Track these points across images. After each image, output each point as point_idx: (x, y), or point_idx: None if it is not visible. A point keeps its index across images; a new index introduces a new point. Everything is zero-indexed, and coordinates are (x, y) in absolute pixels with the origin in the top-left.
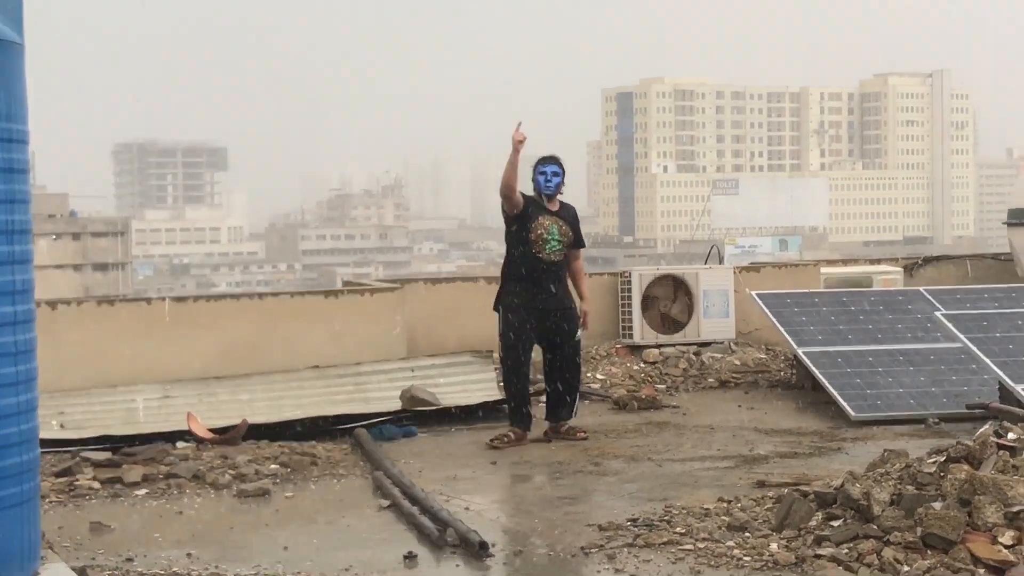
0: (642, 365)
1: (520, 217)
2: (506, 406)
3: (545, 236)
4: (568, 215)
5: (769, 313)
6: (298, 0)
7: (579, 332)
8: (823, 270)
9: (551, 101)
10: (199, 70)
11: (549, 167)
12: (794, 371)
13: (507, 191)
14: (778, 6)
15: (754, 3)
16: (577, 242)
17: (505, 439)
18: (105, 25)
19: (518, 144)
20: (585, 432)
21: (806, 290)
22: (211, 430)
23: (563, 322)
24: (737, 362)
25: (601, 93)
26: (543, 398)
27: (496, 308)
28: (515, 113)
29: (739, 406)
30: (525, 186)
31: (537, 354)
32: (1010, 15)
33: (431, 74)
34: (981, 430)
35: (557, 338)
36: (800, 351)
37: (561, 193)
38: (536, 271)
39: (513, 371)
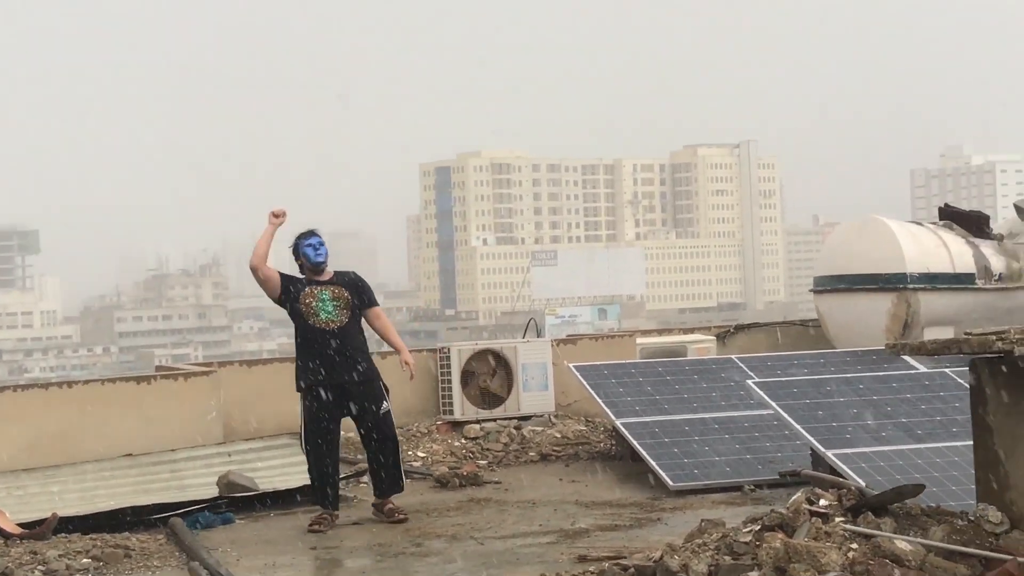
0: (463, 441)
1: (286, 295)
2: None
3: (315, 304)
4: (345, 280)
5: (587, 385)
6: (97, 77)
7: (385, 403)
8: (639, 340)
9: (368, 175)
10: (6, 150)
11: (314, 238)
12: (614, 442)
13: (256, 260)
14: (589, 80)
15: (566, 77)
16: (366, 302)
17: (324, 522)
18: None
19: (275, 219)
20: (405, 514)
21: (623, 361)
22: (19, 525)
23: (362, 395)
24: (558, 435)
25: (419, 167)
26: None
27: (297, 388)
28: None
29: (560, 479)
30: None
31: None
32: (807, 89)
33: (241, 148)
34: (794, 497)
35: (360, 412)
36: (619, 422)
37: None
38: (319, 343)
39: (312, 452)
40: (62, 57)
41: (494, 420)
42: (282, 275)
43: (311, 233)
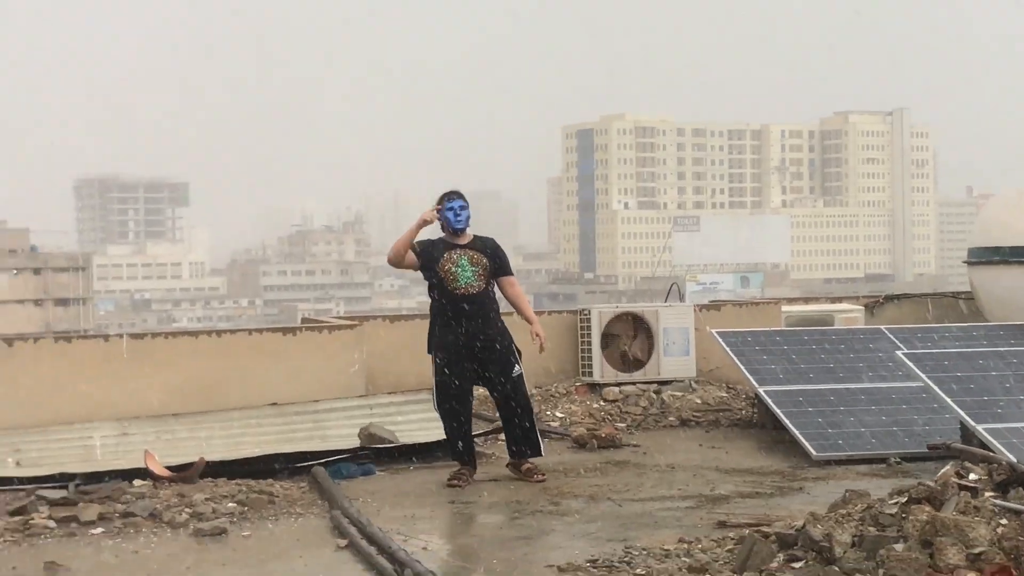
0: (602, 403)
1: (426, 264)
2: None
3: (454, 270)
4: (483, 245)
5: (730, 352)
6: (259, 37)
7: (517, 367)
8: (784, 308)
9: (512, 137)
10: (161, 105)
11: (456, 202)
12: (755, 410)
13: (394, 258)
14: (739, 44)
15: (715, 40)
16: (501, 270)
17: (462, 477)
18: (66, 60)
19: (424, 222)
20: (544, 475)
21: (767, 328)
22: (168, 468)
23: (494, 359)
24: (698, 401)
25: (562, 130)
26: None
27: (429, 351)
28: (477, 147)
29: (700, 445)
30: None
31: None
32: (968, 55)
33: (392, 109)
34: (943, 471)
35: (492, 376)
36: (761, 390)
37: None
38: (455, 308)
39: (448, 414)
40: (211, 15)
41: (633, 384)
42: (416, 249)
43: (453, 195)
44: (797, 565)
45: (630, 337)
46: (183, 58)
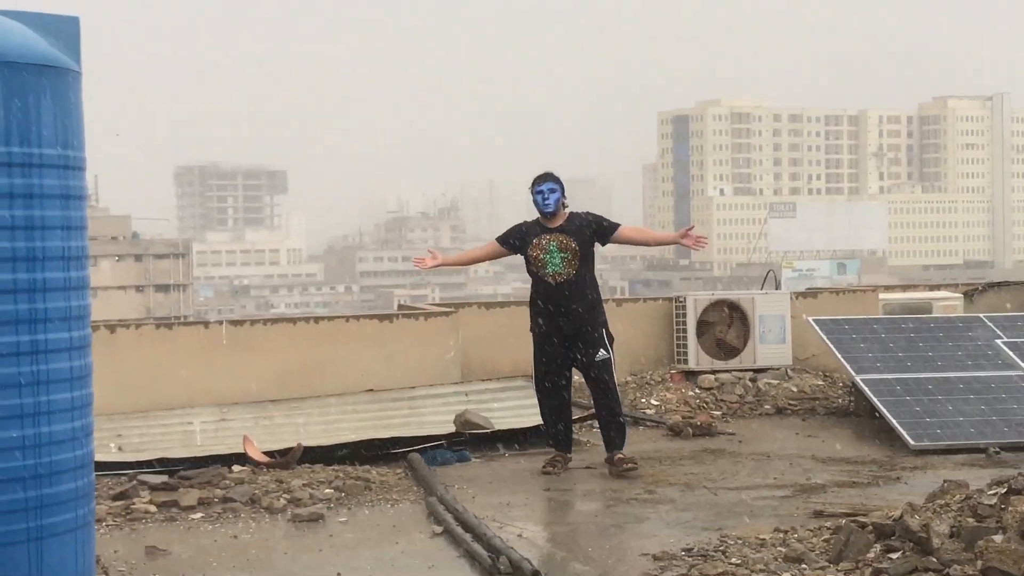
0: (697, 391)
1: (519, 248)
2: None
3: (543, 257)
4: (574, 224)
5: (827, 339)
6: (355, 29)
7: (602, 352)
8: (882, 296)
9: (607, 123)
10: (258, 93)
11: (545, 184)
12: (852, 398)
13: (465, 263)
14: (835, 28)
15: (810, 25)
16: (602, 235)
17: (557, 463)
18: (165, 49)
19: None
20: (635, 464)
21: (864, 316)
22: (266, 453)
23: (583, 345)
24: (794, 389)
25: (657, 116)
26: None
27: (531, 330)
28: (570, 133)
29: (796, 434)
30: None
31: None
32: None
33: (487, 96)
34: None
35: (582, 362)
36: (858, 378)
37: (565, 207)
38: (547, 294)
39: (543, 395)
40: (311, 7)
41: (729, 371)
42: (501, 238)
43: (544, 178)
44: (894, 556)
45: (726, 325)
46: (278, 47)
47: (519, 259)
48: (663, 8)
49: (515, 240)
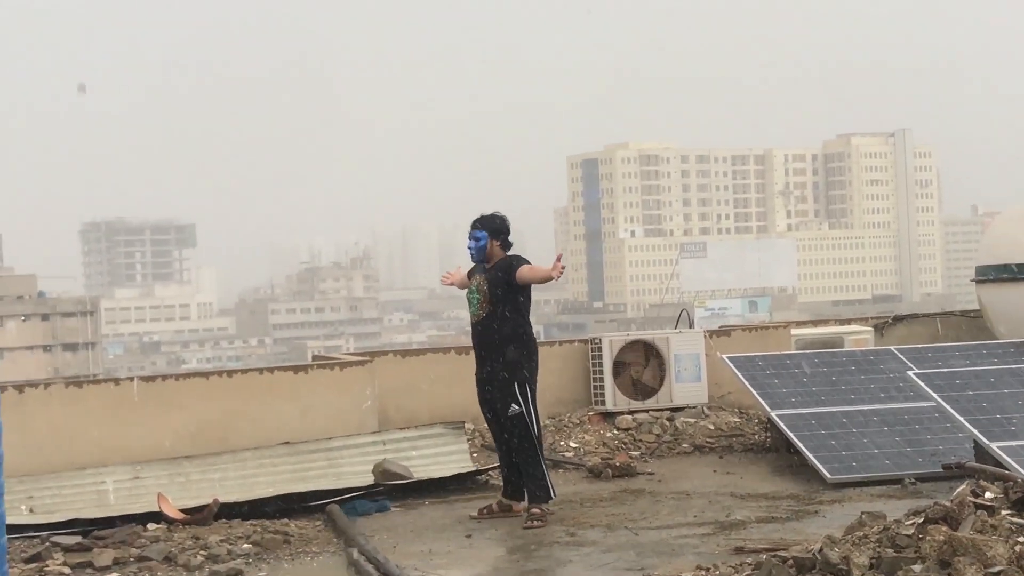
0: (615, 432)
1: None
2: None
3: (469, 296)
4: (499, 264)
5: (741, 376)
6: (262, 76)
7: (515, 406)
8: (794, 332)
9: (518, 168)
10: (164, 147)
11: (473, 231)
12: (768, 434)
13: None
14: (740, 69)
15: (716, 67)
16: (508, 276)
17: (485, 511)
18: (68, 105)
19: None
20: (542, 522)
21: (778, 352)
22: (182, 510)
23: (495, 392)
24: (711, 426)
25: (567, 160)
26: None
27: None
28: (482, 179)
29: (715, 471)
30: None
31: None
32: (971, 72)
33: (396, 143)
34: (958, 490)
35: (497, 409)
36: (774, 414)
37: (504, 249)
38: (473, 337)
39: (495, 440)
40: (217, 57)
41: (646, 411)
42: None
43: (475, 224)
44: None
45: (641, 365)
46: (185, 98)
47: (435, 306)
48: (570, 53)
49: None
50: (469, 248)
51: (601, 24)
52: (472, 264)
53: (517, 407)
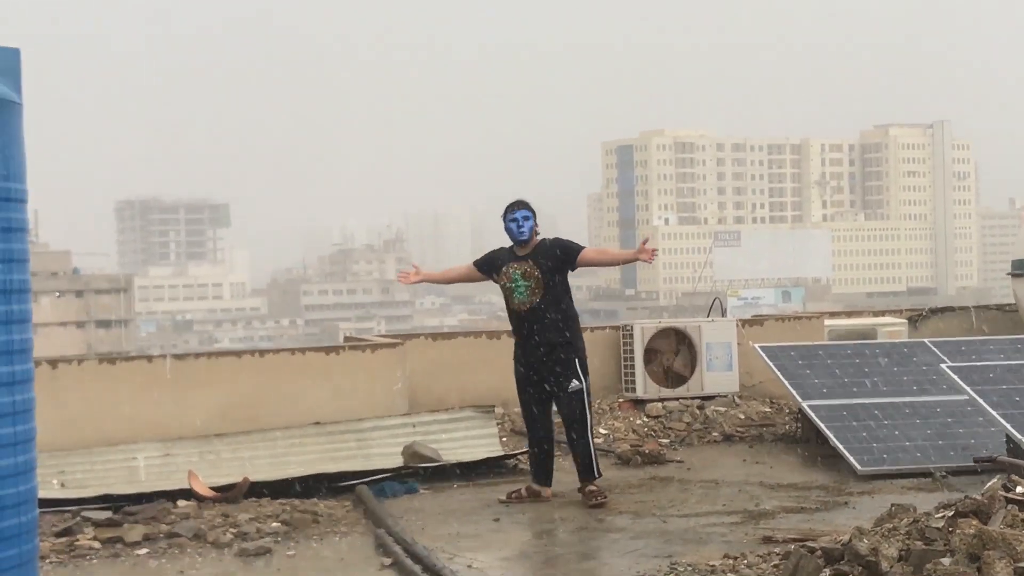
0: (645, 419)
1: (491, 276)
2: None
3: (511, 286)
4: (541, 251)
5: (773, 366)
6: (296, 58)
7: (575, 382)
8: (827, 322)
9: (551, 154)
10: (200, 126)
11: (519, 212)
12: (799, 424)
13: (444, 282)
14: (777, 57)
15: (753, 54)
16: (567, 260)
17: (514, 495)
18: (106, 83)
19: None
20: (605, 497)
21: (810, 343)
22: (212, 488)
23: (554, 375)
24: (741, 416)
25: (601, 146)
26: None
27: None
28: (514, 163)
29: (744, 460)
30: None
31: None
32: (1010, 66)
33: (430, 127)
34: (989, 484)
35: (555, 392)
36: (805, 404)
37: (537, 234)
38: (517, 322)
39: (527, 426)
40: (254, 40)
41: (677, 399)
42: (478, 262)
43: (517, 206)
44: None
45: (673, 353)
46: (221, 79)
47: (466, 290)
48: (605, 39)
49: (487, 267)
50: (519, 230)
51: (638, 10)
52: (505, 247)
53: (578, 383)
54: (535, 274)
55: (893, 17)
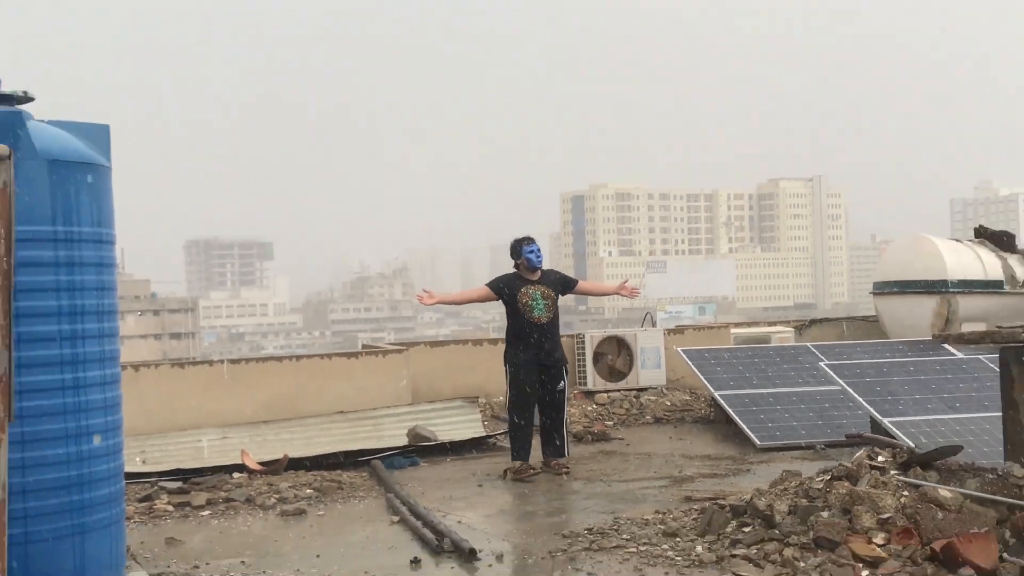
0: (594, 406)
1: (507, 296)
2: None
3: (530, 303)
4: (550, 278)
5: (692, 365)
6: (323, 123)
7: (562, 383)
8: (733, 331)
9: (521, 202)
10: (249, 181)
11: (535, 245)
12: (712, 409)
13: (461, 303)
14: (692, 123)
15: (675, 121)
16: (566, 287)
17: (528, 471)
18: (174, 138)
19: (430, 304)
20: (568, 469)
21: (720, 346)
22: (260, 463)
23: (550, 376)
24: (668, 403)
25: (559, 197)
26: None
27: (505, 363)
28: (493, 209)
29: (670, 437)
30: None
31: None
32: (873, 131)
33: (428, 181)
34: (857, 454)
35: (548, 387)
36: (716, 394)
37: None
38: (530, 332)
39: (521, 414)
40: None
41: (618, 390)
42: (494, 286)
43: (531, 240)
44: (747, 530)
45: (615, 355)
46: (265, 139)
47: (458, 308)
48: (561, 112)
49: (505, 289)
50: (538, 259)
51: (586, 88)
52: (510, 274)
53: (562, 384)
54: (551, 295)
55: (784, 90)
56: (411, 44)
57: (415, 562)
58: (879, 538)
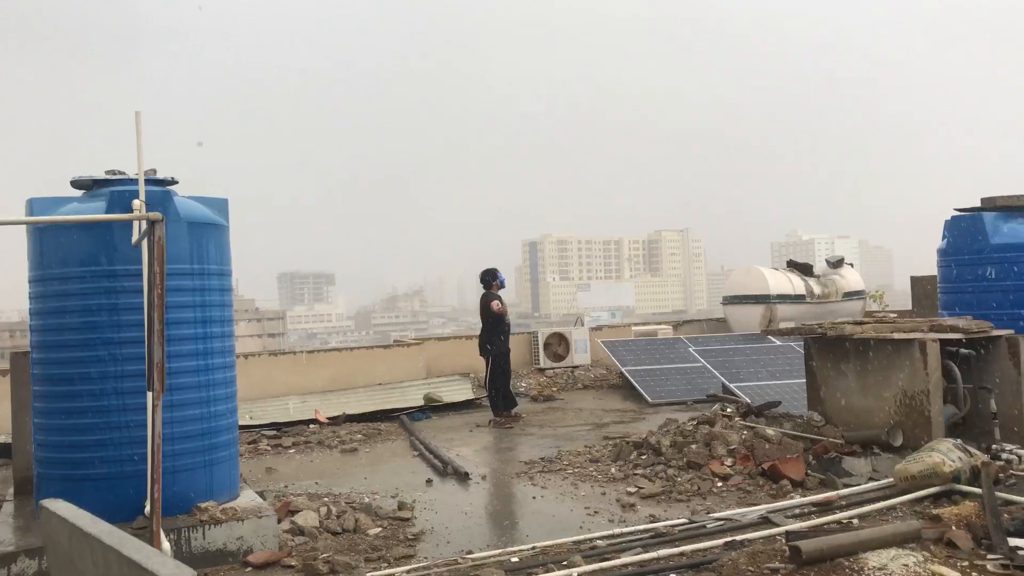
0: (545, 379)
1: (501, 305)
2: (489, 399)
3: (505, 310)
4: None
5: (608, 351)
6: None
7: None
8: (633, 328)
9: (494, 245)
10: (320, 222)
11: (501, 274)
12: (621, 379)
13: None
14: (602, 191)
15: (594, 190)
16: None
17: (510, 419)
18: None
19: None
20: (510, 425)
21: (626, 339)
22: (328, 418)
23: (508, 358)
24: (592, 376)
25: (520, 243)
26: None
27: (484, 352)
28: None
29: (594, 398)
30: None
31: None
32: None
33: (439, 228)
34: (714, 407)
35: (505, 366)
36: (624, 369)
37: None
38: (506, 331)
39: (505, 383)
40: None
41: (561, 368)
42: (502, 300)
43: (499, 270)
44: (644, 457)
45: (558, 344)
46: (330, 200)
47: (457, 313)
48: (520, 178)
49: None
50: (505, 283)
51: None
52: (502, 292)
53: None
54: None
55: (663, 165)
56: (441, 132)
57: (429, 482)
58: (728, 462)
